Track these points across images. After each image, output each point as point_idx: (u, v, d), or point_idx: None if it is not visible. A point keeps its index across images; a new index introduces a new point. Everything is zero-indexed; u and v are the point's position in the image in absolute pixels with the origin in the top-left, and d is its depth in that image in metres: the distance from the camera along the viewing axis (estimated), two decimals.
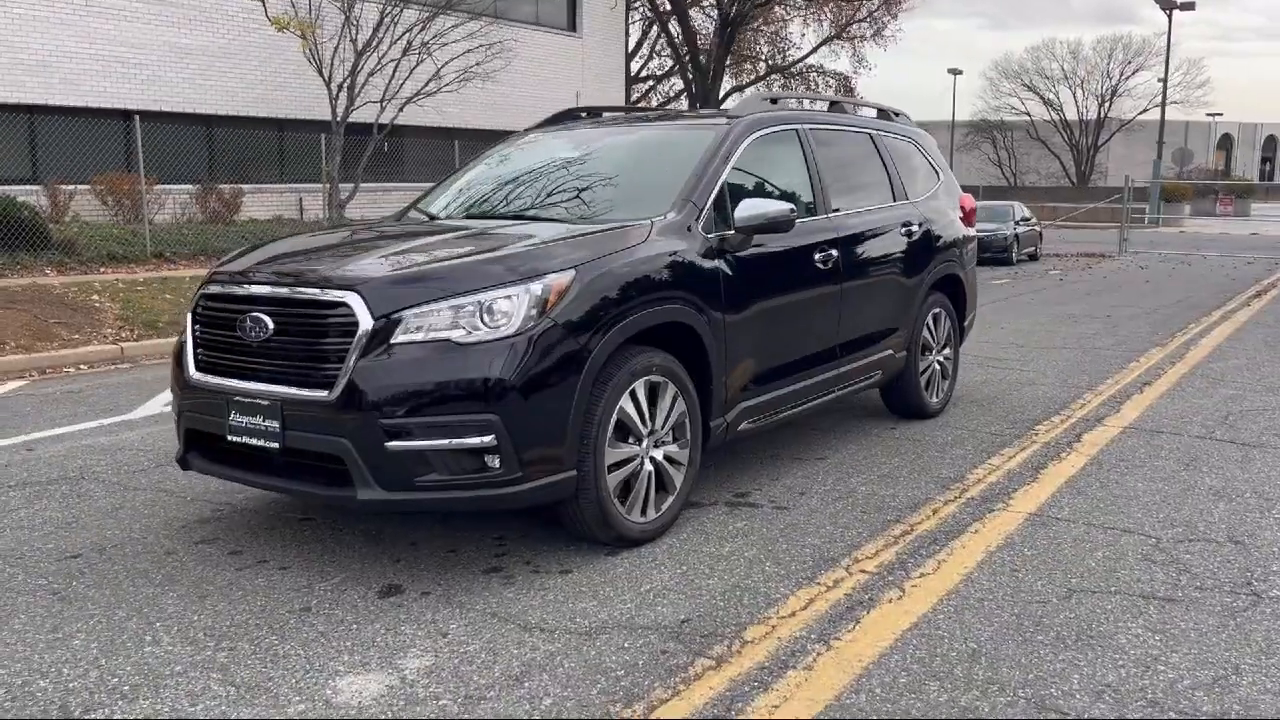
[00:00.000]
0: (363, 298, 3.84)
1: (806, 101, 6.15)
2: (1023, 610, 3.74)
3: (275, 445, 3.97)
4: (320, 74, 18.34)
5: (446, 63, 19.50)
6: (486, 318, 3.87)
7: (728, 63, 29.43)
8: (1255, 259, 23.87)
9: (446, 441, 3.79)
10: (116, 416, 7.10)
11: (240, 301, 4.13)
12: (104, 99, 18.20)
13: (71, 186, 16.68)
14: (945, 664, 3.32)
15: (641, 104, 34.50)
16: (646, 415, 4.33)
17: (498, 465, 3.84)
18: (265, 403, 3.97)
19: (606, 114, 6.24)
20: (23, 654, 3.43)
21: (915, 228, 6.38)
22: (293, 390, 3.93)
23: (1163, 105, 40.29)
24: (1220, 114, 76.81)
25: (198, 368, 4.28)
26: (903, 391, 6.52)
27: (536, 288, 3.93)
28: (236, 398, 4.06)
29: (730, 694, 3.14)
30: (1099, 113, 62.25)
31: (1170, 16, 38.23)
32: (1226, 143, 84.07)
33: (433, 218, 5.42)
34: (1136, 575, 4.09)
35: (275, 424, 3.95)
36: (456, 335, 3.84)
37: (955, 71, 58.26)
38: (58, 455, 6.03)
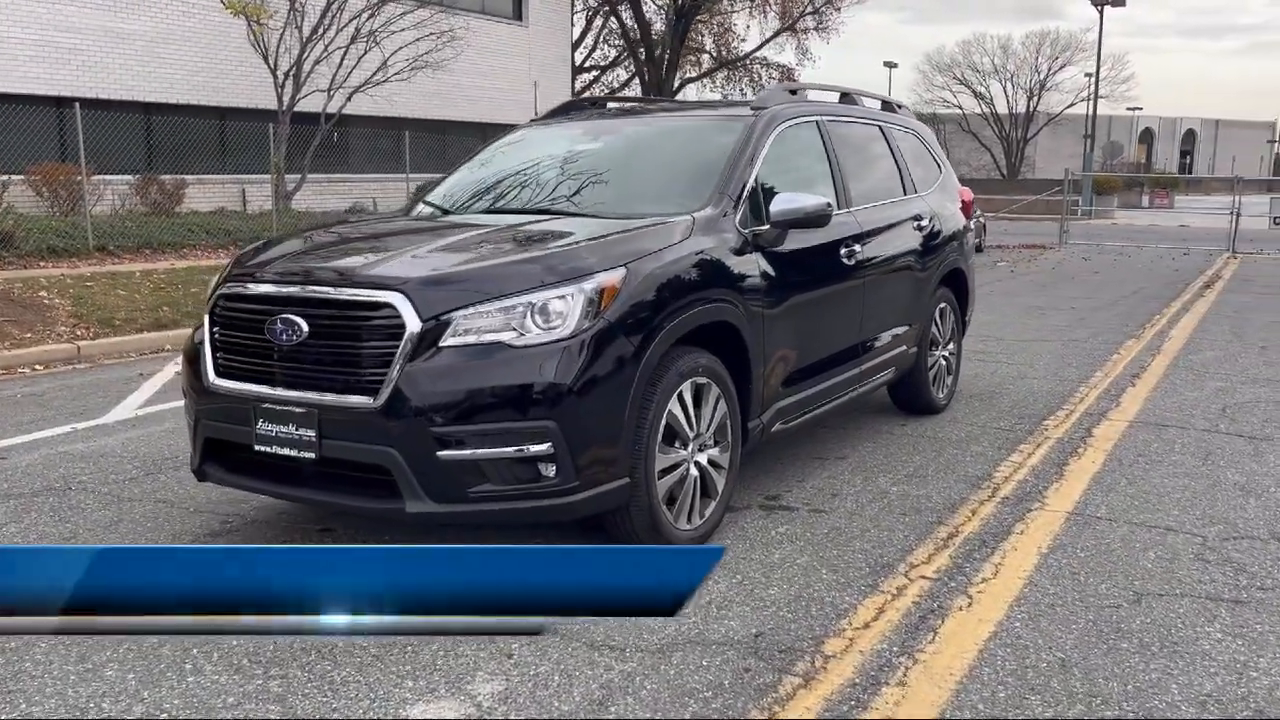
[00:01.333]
0: (409, 299, 3.61)
1: (819, 93, 6.01)
2: (1097, 616, 3.66)
3: (310, 455, 3.73)
4: (266, 61, 17.81)
5: (395, 51, 19.07)
6: (539, 319, 3.66)
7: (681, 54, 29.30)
8: (1190, 250, 24.40)
9: (501, 450, 3.59)
10: (89, 421, 6.72)
11: (268, 302, 3.87)
12: (39, 85, 17.45)
13: (5, 177, 15.94)
14: (1039, 676, 3.22)
15: (586, 95, 34.23)
16: (693, 418, 4.16)
17: (553, 474, 3.64)
18: (299, 410, 3.72)
19: (621, 104, 6.06)
20: (55, 689, 3.16)
21: (925, 222, 6.29)
22: (330, 397, 3.69)
23: (1094, 99, 41.20)
24: (1140, 108, 78.78)
25: (218, 373, 4.01)
26: (913, 388, 6.43)
27: (590, 287, 3.74)
28: (265, 405, 3.81)
29: (829, 715, 2.99)
30: (1028, 106, 63.37)
31: (1101, 13, 39.00)
32: (1148, 137, 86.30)
33: (445, 211, 5.17)
34: (1196, 576, 4.04)
35: (310, 433, 3.70)
36: (510, 338, 3.63)
37: (890, 65, 58.94)
38: (35, 464, 5.67)
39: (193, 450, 4.20)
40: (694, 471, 4.20)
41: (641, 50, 28.57)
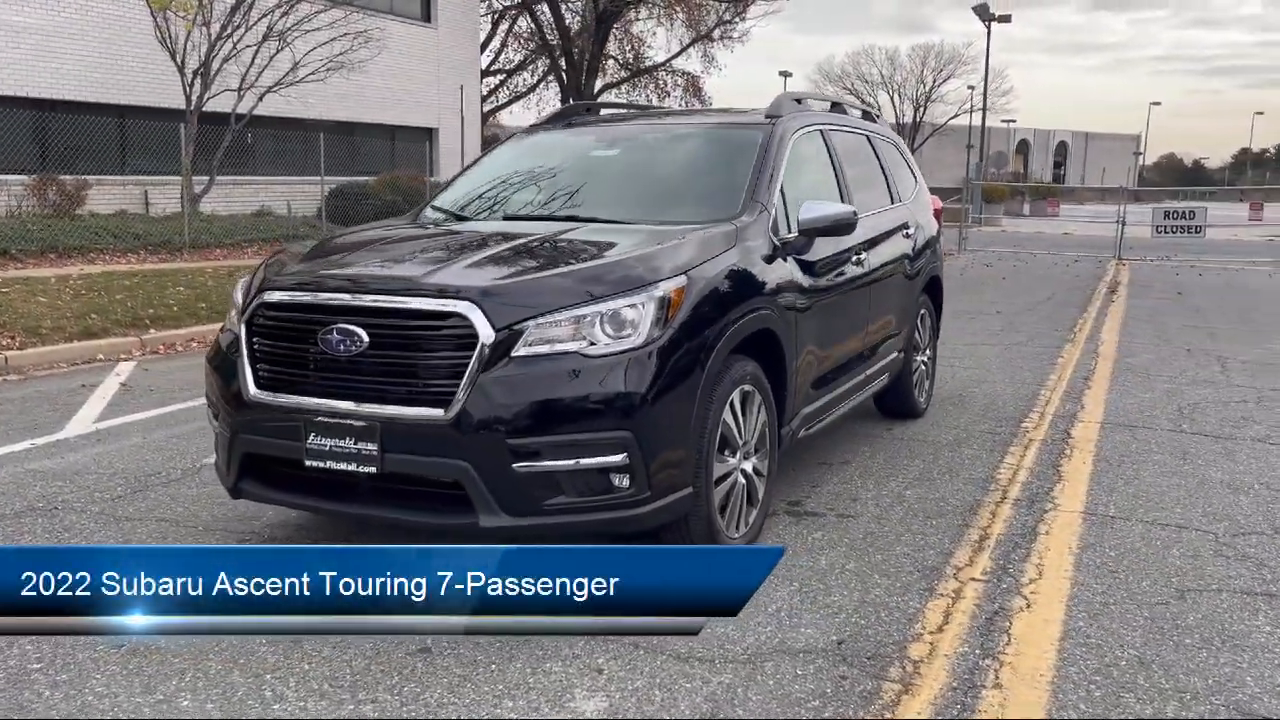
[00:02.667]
0: (480, 308, 3.51)
1: (817, 102, 6.07)
2: (1152, 613, 3.78)
3: (371, 470, 3.60)
4: (174, 59, 17.11)
5: (310, 51, 18.56)
6: (610, 328, 3.61)
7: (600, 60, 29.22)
8: (1079, 257, 25.43)
9: (577, 461, 3.52)
10: (46, 436, 6.34)
11: (321, 311, 3.71)
12: None
13: None
14: (1124, 674, 3.31)
15: (491, 97, 33.91)
16: (742, 426, 4.16)
17: (627, 484, 3.59)
18: (359, 423, 3.58)
19: (618, 111, 6.01)
20: None
21: (912, 230, 6.42)
22: (394, 409, 3.56)
23: (984, 111, 42.67)
24: (1015, 120, 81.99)
25: (259, 385, 3.83)
26: (899, 392, 6.55)
27: (660, 295, 3.70)
28: (319, 418, 3.65)
29: (940, 719, 3.02)
30: (915, 117, 65.30)
31: (989, 29, 40.44)
32: (1024, 147, 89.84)
33: (461, 218, 5.04)
34: (1224, 571, 4.21)
35: (372, 447, 3.57)
36: (582, 347, 3.57)
37: (785, 74, 60.06)
38: (5, 483, 5.33)
39: (225, 467, 4.00)
40: (741, 479, 4.20)
41: (561, 55, 28.40)
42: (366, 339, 3.59)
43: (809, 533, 4.60)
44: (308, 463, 3.69)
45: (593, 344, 3.58)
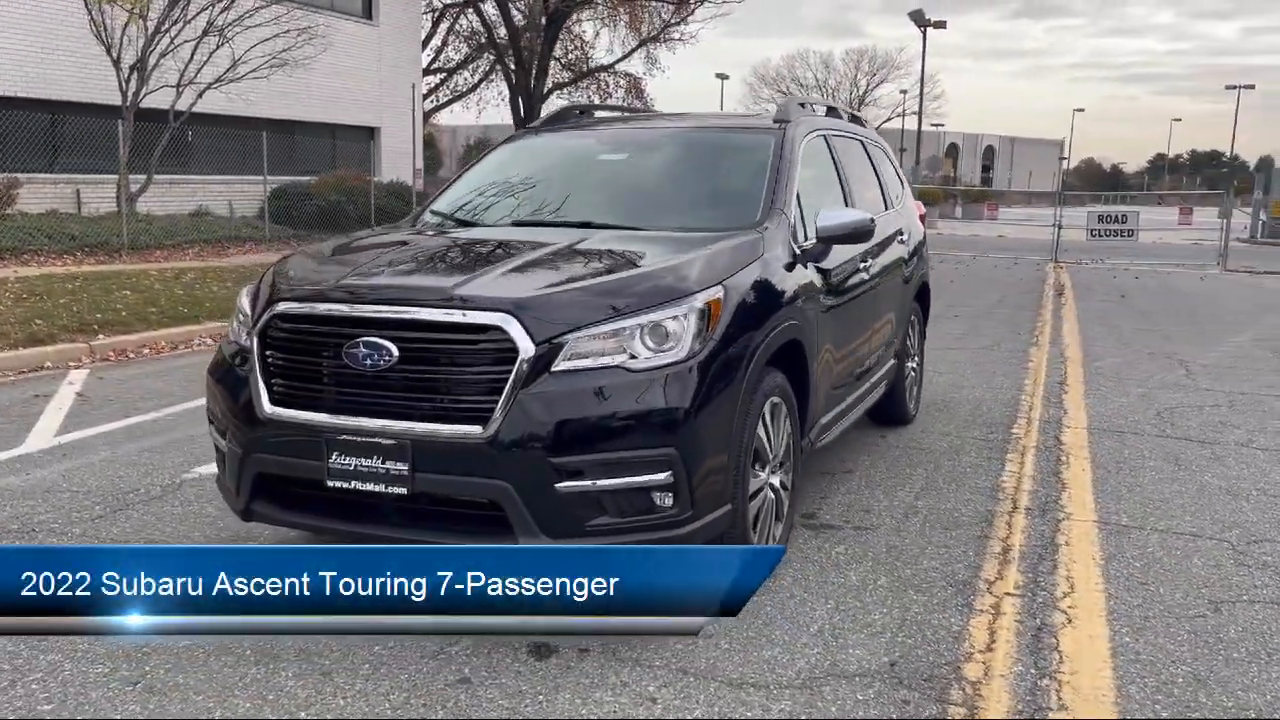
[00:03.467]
0: (519, 320, 3.35)
1: (818, 106, 5.98)
2: (1192, 627, 3.75)
3: (401, 491, 3.41)
4: (109, 53, 16.54)
5: (252, 47, 18.07)
6: (652, 341, 3.47)
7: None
8: (1017, 259, 25.86)
9: (622, 480, 3.38)
10: (5, 451, 5.99)
11: (345, 324, 3.51)
12: None
13: None
14: (1184, 692, 3.26)
15: (431, 96, 33.43)
16: (772, 439, 4.05)
17: (670, 503, 3.46)
18: (388, 442, 3.40)
19: (614, 114, 5.86)
20: None
21: (905, 236, 6.39)
22: (427, 427, 3.38)
23: (919, 115, 43.23)
24: (943, 124, 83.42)
25: (274, 401, 3.61)
26: (893, 399, 6.50)
27: (699, 306, 3.57)
28: (342, 436, 3.46)
29: None
30: None
31: (925, 34, 41.03)
32: (953, 151, 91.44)
33: (465, 223, 4.85)
34: (1248, 581, 4.21)
35: (402, 466, 3.39)
36: (623, 361, 3.42)
37: (723, 77, 60.30)
38: None
39: (235, 489, 3.76)
40: (770, 494, 4.09)
41: (510, 55, 27.98)
42: (396, 353, 3.40)
43: (831, 546, 4.51)
44: (330, 483, 3.49)
45: (633, 357, 3.44)
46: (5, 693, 3.16)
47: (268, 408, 3.61)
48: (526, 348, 3.33)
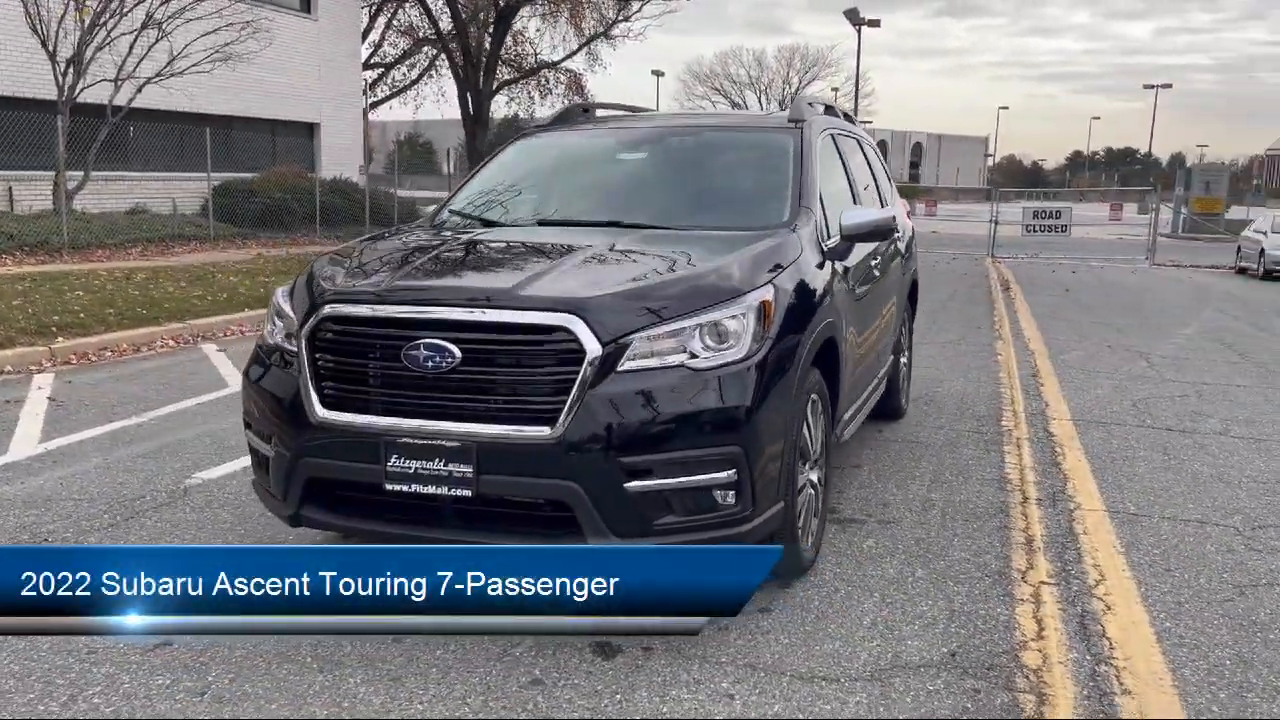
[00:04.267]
0: (585, 321, 3.34)
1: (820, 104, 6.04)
2: (1224, 610, 3.88)
3: (466, 493, 3.38)
4: (45, 46, 16.02)
5: (192, 41, 17.63)
6: (713, 340, 3.49)
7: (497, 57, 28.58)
8: (955, 255, 26.39)
9: (690, 478, 3.39)
10: None
11: (404, 326, 3.46)
12: None
13: None
14: (1234, 674, 3.38)
15: (369, 92, 32.94)
16: (814, 436, 4.10)
17: (732, 501, 3.48)
18: (452, 444, 3.36)
19: (623, 113, 5.86)
20: None
21: (900, 233, 6.48)
22: (492, 428, 3.35)
23: (855, 113, 43.63)
24: (871, 121, 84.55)
25: (325, 405, 3.55)
26: (889, 393, 6.59)
27: (756, 305, 3.59)
28: (402, 439, 3.41)
29: None
30: None
31: (859, 33, 41.56)
32: (883, 148, 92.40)
33: (489, 223, 4.80)
34: (1265, 565, 4.37)
35: (466, 468, 3.36)
36: (687, 360, 3.43)
37: (658, 73, 60.46)
38: None
39: (284, 494, 3.67)
40: (810, 490, 4.14)
41: (458, 51, 27.64)
42: (459, 354, 3.36)
43: (860, 540, 4.57)
44: (389, 486, 3.44)
45: (694, 356, 3.45)
46: (67, 708, 3.07)
47: (320, 411, 3.54)
48: (593, 348, 3.32)
